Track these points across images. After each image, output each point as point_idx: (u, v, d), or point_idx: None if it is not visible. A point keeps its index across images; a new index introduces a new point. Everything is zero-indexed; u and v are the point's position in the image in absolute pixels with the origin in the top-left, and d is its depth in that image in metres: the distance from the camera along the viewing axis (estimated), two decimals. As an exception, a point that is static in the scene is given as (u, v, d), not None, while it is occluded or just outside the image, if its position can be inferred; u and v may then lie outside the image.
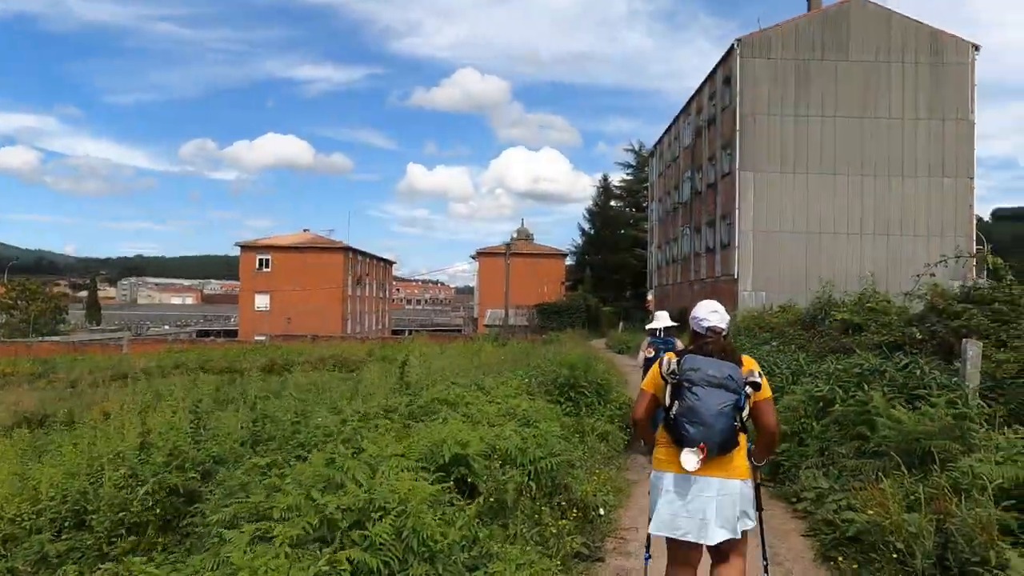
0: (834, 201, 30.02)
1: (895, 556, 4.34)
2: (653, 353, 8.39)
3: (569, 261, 69.98)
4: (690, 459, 3.34)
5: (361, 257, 66.89)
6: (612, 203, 66.31)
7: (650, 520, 3.63)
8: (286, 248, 59.93)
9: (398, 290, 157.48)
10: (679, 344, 8.26)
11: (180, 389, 12.61)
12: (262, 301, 58.36)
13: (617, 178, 67.34)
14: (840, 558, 4.94)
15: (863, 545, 4.87)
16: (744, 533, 3.54)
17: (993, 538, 3.90)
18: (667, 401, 3.54)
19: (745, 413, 3.48)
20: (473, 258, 70.82)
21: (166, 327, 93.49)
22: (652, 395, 3.69)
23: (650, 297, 49.62)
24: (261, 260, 59.42)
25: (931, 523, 4.35)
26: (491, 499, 4.67)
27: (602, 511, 6.01)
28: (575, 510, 5.74)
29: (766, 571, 3.95)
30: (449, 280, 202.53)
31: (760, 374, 3.54)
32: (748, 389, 3.46)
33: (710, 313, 3.73)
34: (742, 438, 3.50)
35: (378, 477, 3.93)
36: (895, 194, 29.96)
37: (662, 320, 8.86)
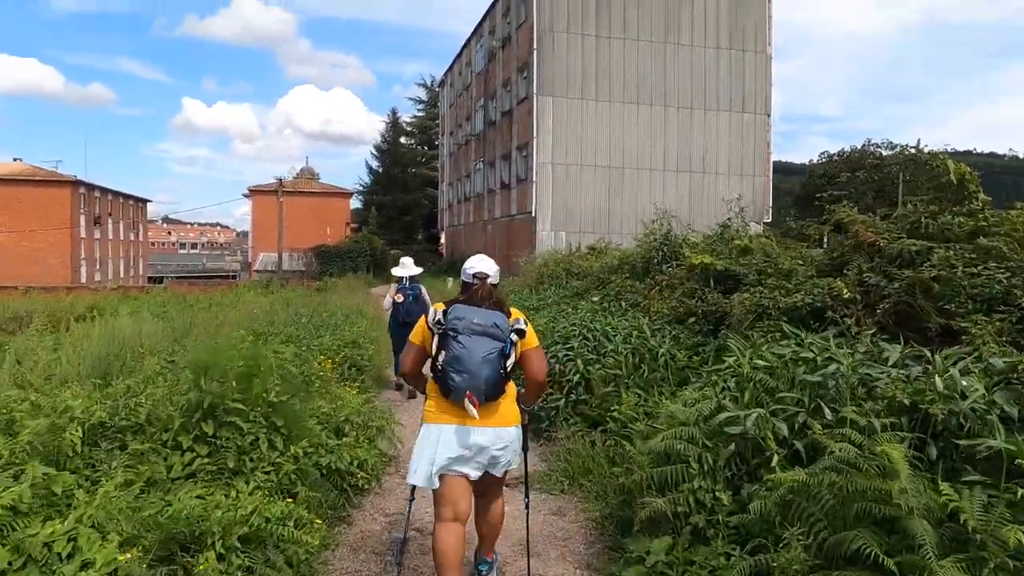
0: (637, 133, 27.38)
1: None
2: (402, 298, 8.66)
3: (358, 203, 63.96)
4: (473, 409, 3.17)
5: (101, 193, 55.33)
6: (402, 140, 61.55)
7: (411, 473, 3.42)
8: (-17, 181, 46.98)
9: (169, 233, 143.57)
10: (423, 290, 8.94)
11: None
12: (-50, 245, 45.57)
13: (408, 115, 62.71)
14: None
15: None
16: (505, 472, 3.51)
17: None
18: (433, 351, 3.37)
19: (510, 361, 3.34)
20: (247, 196, 62.14)
21: None
22: (420, 347, 3.52)
23: (443, 240, 45.91)
24: (-54, 197, 46.20)
25: None
26: None
27: None
28: None
29: (527, 507, 3.89)
30: (235, 223, 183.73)
31: (526, 322, 3.41)
32: (513, 336, 3.33)
33: (478, 261, 3.58)
34: (509, 385, 3.42)
35: None
36: (697, 128, 27.94)
37: (407, 267, 8.93)
